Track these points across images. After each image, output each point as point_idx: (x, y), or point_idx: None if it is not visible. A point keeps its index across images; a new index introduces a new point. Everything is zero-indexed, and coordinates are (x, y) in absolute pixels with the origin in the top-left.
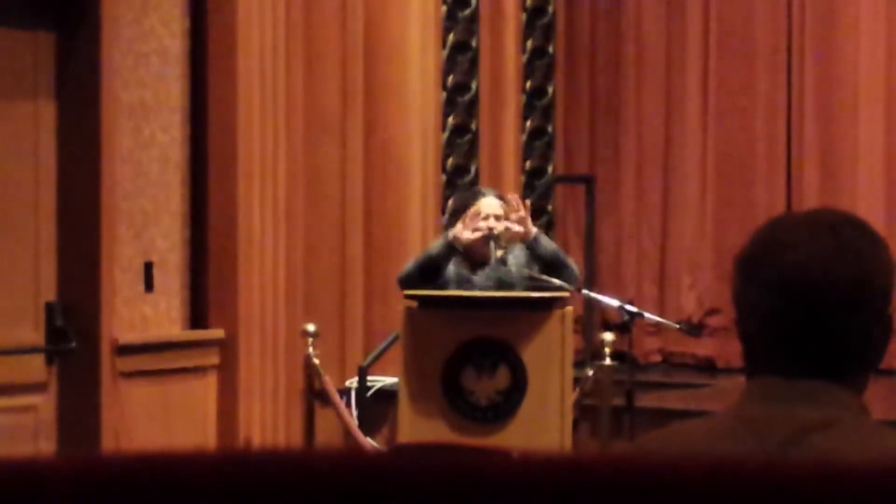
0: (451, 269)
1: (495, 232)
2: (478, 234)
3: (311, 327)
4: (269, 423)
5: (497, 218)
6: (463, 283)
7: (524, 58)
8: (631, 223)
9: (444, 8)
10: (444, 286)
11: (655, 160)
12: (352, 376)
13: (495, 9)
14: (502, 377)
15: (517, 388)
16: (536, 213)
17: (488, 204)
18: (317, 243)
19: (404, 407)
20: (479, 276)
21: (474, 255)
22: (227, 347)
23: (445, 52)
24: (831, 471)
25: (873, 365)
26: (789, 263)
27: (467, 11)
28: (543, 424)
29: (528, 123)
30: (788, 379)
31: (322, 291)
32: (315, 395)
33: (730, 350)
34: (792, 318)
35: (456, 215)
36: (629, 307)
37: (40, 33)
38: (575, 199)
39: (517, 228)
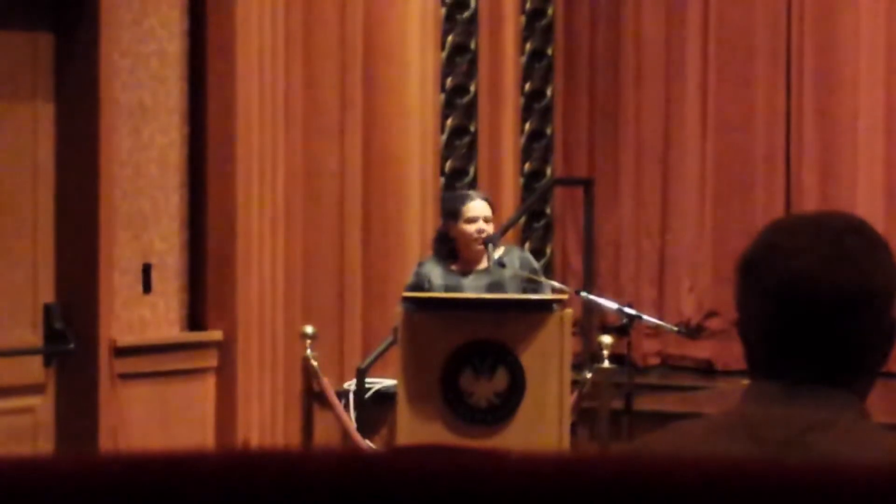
0: (439, 279)
1: (485, 234)
2: None
3: (309, 329)
4: (267, 425)
5: (486, 220)
6: (451, 290)
7: (523, 60)
8: (630, 226)
9: (443, 10)
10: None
11: (654, 162)
12: (350, 378)
13: (494, 11)
14: (501, 379)
15: (515, 390)
16: (535, 216)
17: (475, 207)
18: (315, 245)
19: (403, 409)
20: (470, 280)
21: (469, 259)
22: (225, 349)
23: (444, 54)
24: (828, 472)
25: (875, 370)
26: (788, 271)
27: (466, 13)
28: (542, 427)
29: (527, 126)
30: (788, 383)
31: (320, 293)
32: (313, 397)
33: (729, 353)
34: (790, 326)
35: (447, 219)
36: (628, 310)
37: (39, 35)
38: (574, 201)
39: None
